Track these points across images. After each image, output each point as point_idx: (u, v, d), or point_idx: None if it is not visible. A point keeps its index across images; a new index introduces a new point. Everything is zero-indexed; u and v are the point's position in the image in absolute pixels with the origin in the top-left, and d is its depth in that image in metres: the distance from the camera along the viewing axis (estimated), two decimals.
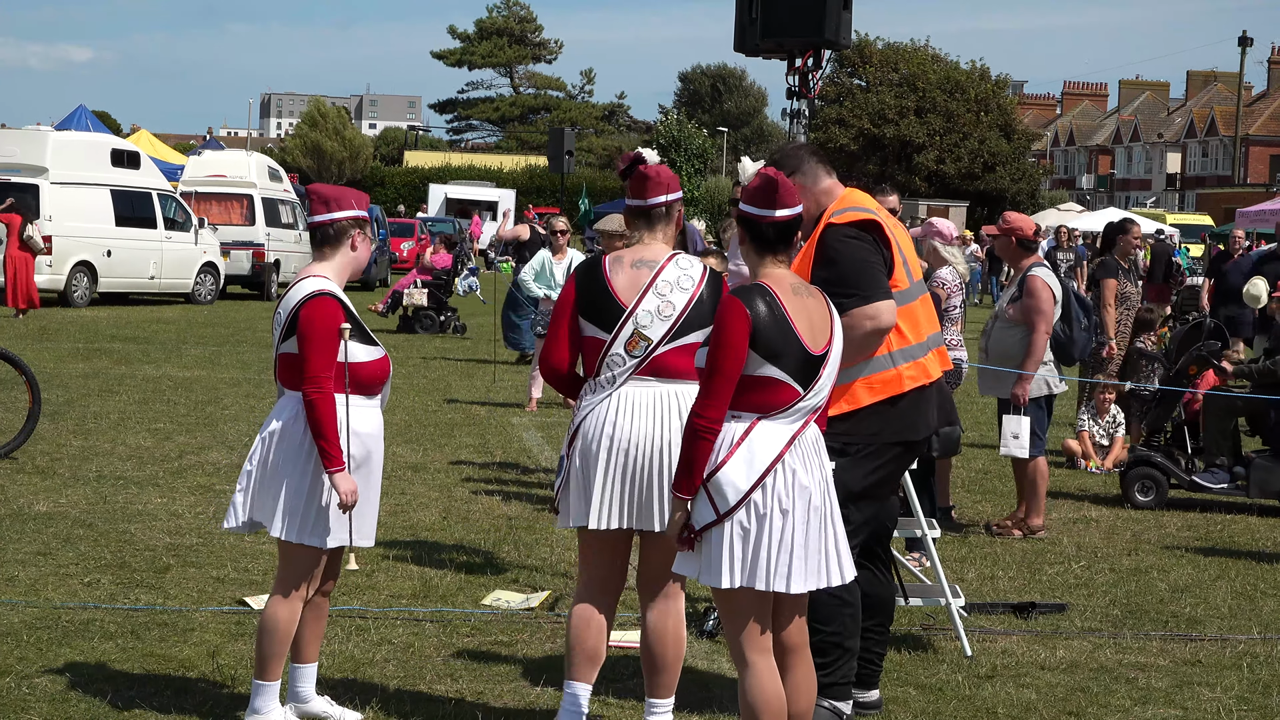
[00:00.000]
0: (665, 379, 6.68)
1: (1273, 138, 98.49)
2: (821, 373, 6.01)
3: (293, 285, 6.95)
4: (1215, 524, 13.13)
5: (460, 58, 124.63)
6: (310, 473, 6.82)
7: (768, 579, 5.86)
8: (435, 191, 76.04)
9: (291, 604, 6.91)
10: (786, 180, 6.14)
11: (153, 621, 8.68)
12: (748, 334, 5.85)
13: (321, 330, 6.77)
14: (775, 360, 5.89)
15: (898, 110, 76.76)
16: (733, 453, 5.87)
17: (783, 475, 5.88)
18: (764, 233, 6.10)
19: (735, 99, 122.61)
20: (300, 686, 7.12)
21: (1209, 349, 14.23)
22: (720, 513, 5.86)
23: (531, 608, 9.31)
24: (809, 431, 6.02)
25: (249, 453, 6.95)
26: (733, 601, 5.97)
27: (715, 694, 7.69)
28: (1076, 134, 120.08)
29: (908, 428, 7.38)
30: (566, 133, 34.39)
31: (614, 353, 6.68)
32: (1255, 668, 8.63)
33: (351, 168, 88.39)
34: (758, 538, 5.85)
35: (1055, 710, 7.76)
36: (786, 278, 6.09)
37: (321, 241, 7.02)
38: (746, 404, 5.92)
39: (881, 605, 7.66)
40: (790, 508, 5.87)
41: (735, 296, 5.94)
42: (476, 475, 14.05)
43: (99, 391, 18.54)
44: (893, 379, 7.29)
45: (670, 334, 6.67)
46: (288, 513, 6.82)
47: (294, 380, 6.85)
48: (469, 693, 7.65)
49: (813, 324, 6.02)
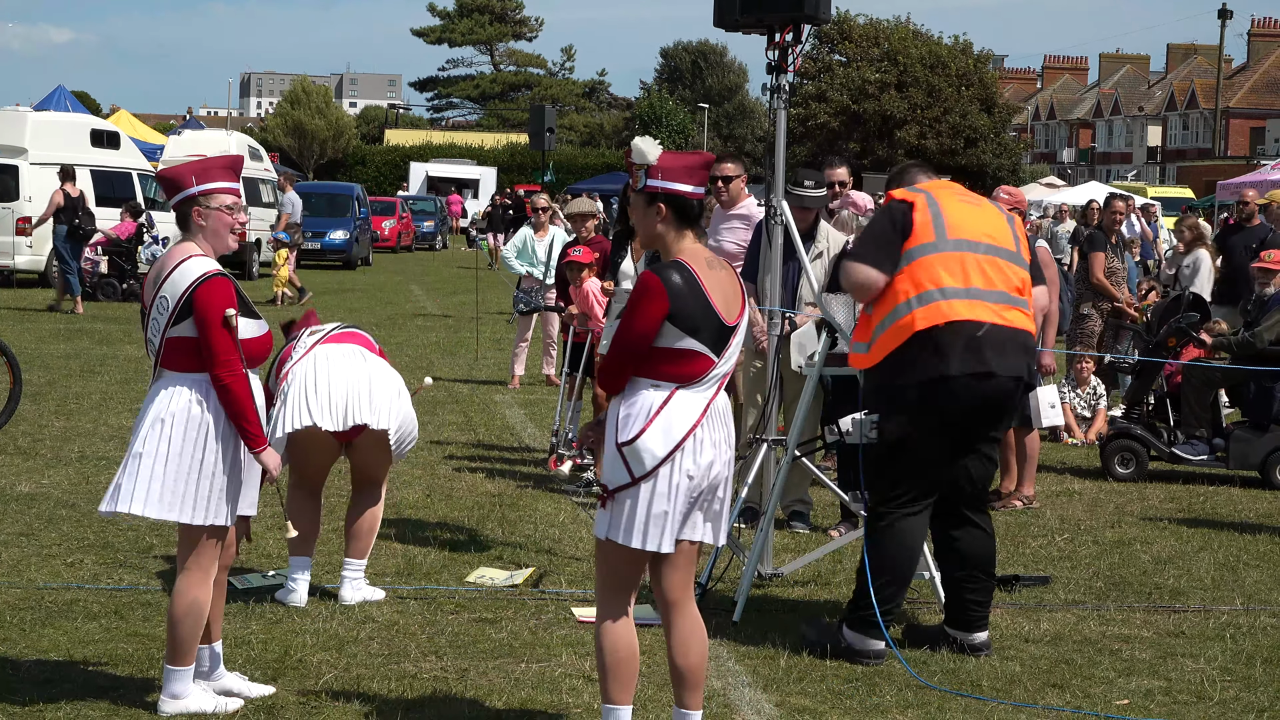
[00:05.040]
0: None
1: (1252, 110, 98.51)
2: (732, 341, 6.25)
3: (172, 266, 6.83)
4: (1198, 496, 13.17)
5: (441, 35, 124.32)
6: (219, 455, 6.82)
7: (654, 540, 6.14)
8: (416, 169, 75.95)
9: (204, 586, 6.92)
10: (711, 158, 6.45)
11: (136, 601, 8.67)
12: (664, 311, 6.10)
13: (223, 312, 6.75)
14: (695, 334, 6.14)
15: (878, 86, 76.69)
16: (651, 421, 6.09)
17: (692, 446, 6.12)
18: (690, 209, 6.30)
19: (716, 75, 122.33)
20: (209, 664, 7.13)
21: (1188, 321, 14.26)
22: (635, 477, 6.10)
23: (515, 584, 9.32)
24: (720, 399, 6.27)
25: (137, 437, 6.89)
26: (612, 556, 6.23)
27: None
28: (1057, 108, 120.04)
29: (928, 365, 7.84)
30: (547, 110, 34.22)
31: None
32: (1238, 638, 8.65)
33: (334, 146, 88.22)
34: (652, 502, 6.11)
35: (1039, 682, 7.78)
36: (701, 252, 6.30)
37: (180, 223, 7.00)
38: (666, 375, 6.15)
39: (975, 559, 8.25)
40: (696, 474, 6.13)
41: (654, 274, 6.16)
42: (460, 453, 14.05)
43: (80, 372, 18.50)
44: (906, 323, 7.89)
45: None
46: (190, 497, 6.82)
47: (188, 363, 6.82)
48: (453, 670, 7.65)
49: (726, 295, 6.24)
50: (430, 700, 7.21)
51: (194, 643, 6.91)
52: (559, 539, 10.63)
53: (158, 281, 6.85)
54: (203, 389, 6.82)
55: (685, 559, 6.35)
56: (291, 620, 8.42)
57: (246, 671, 7.41)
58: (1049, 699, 7.55)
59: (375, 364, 8.81)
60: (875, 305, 8.03)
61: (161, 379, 6.92)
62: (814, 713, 7.23)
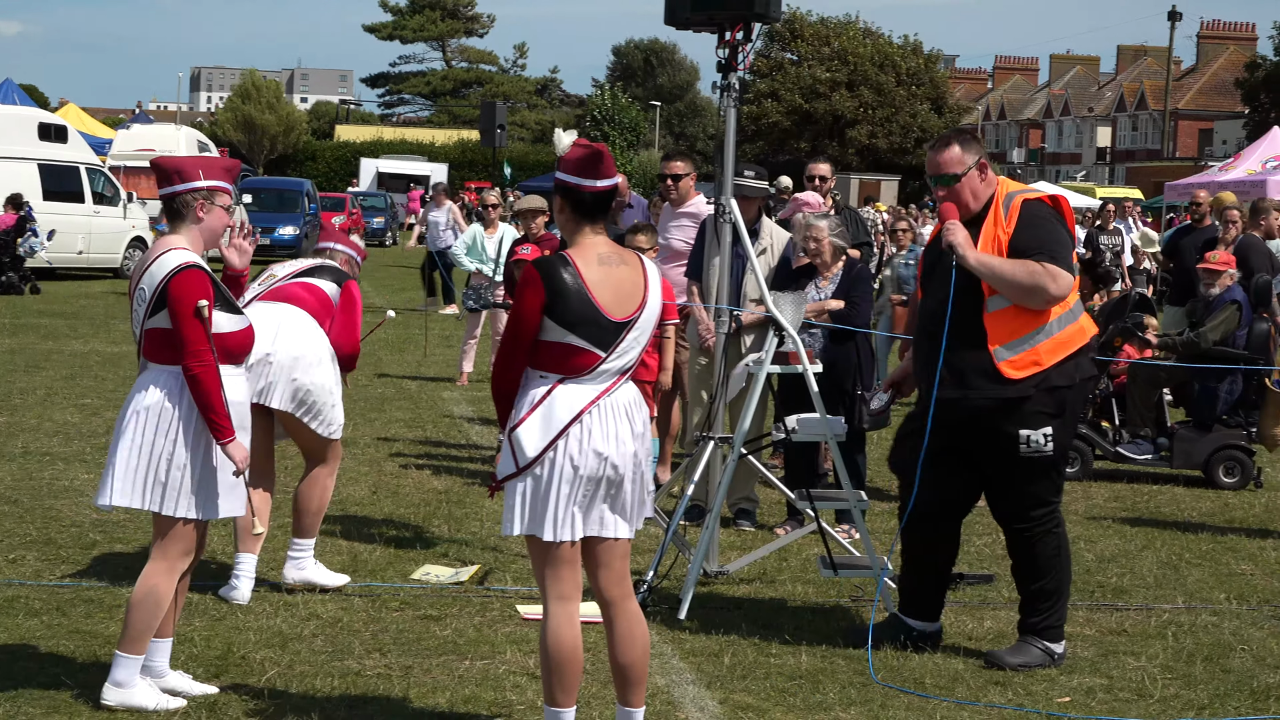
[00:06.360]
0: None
1: (1201, 112, 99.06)
2: (625, 337, 6.23)
3: (152, 258, 6.91)
4: (1141, 495, 13.25)
5: (392, 31, 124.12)
6: (191, 446, 6.85)
7: (554, 530, 6.16)
8: (367, 165, 75.79)
9: (166, 577, 6.94)
10: (607, 152, 6.38)
11: (79, 598, 8.63)
12: (540, 305, 6.12)
13: (195, 303, 6.79)
14: (573, 329, 6.14)
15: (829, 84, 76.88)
16: (532, 411, 6.15)
17: (578, 434, 6.12)
18: (584, 202, 6.30)
19: (668, 73, 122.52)
20: (157, 660, 7.10)
21: (1133, 321, 14.33)
22: (519, 466, 6.14)
23: (461, 581, 9.30)
24: (620, 394, 6.27)
25: (119, 429, 6.93)
26: (533, 550, 6.29)
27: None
28: (1008, 108, 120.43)
29: (1085, 368, 8.11)
30: (499, 106, 34.16)
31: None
32: (1180, 636, 8.71)
33: (285, 142, 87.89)
34: (546, 491, 6.14)
35: (982, 680, 7.81)
36: (596, 247, 6.29)
37: (170, 214, 7.05)
38: (550, 366, 6.20)
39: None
40: (581, 465, 6.12)
41: (534, 268, 6.18)
42: (407, 450, 14.02)
43: (25, 367, 18.39)
44: (1078, 329, 8.03)
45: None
46: (172, 488, 6.85)
47: (166, 355, 6.86)
48: (397, 667, 7.64)
49: (620, 292, 6.23)
50: (374, 698, 7.20)
51: (147, 633, 6.89)
52: (505, 536, 10.58)
53: (139, 273, 6.93)
54: (178, 381, 6.86)
55: (610, 555, 6.34)
56: (235, 617, 8.38)
57: (189, 669, 7.37)
58: (991, 696, 7.58)
59: (285, 332, 8.73)
60: (1026, 317, 7.94)
61: (145, 370, 6.98)
62: (758, 710, 7.24)
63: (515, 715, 7.05)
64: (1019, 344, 7.90)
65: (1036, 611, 8.17)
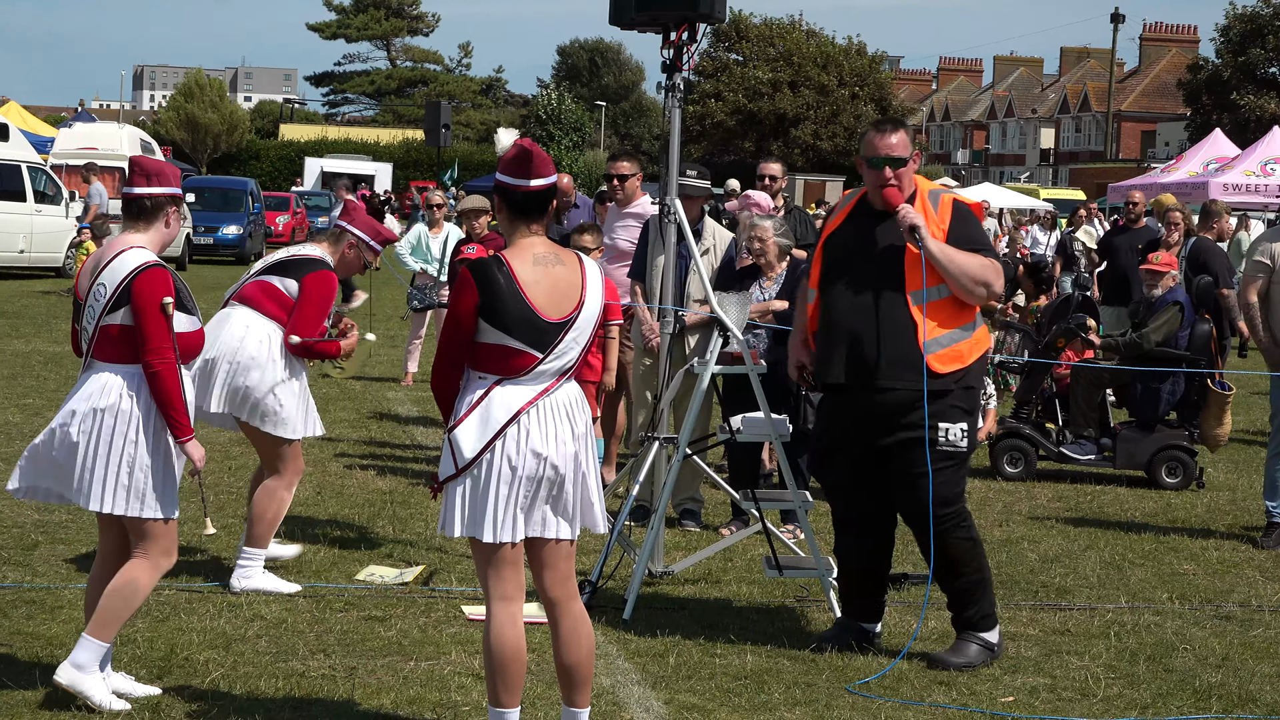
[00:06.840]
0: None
1: (1144, 113, 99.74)
2: (563, 337, 6.23)
3: (112, 255, 6.93)
4: (1085, 495, 13.31)
5: (336, 30, 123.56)
6: (151, 447, 6.86)
7: (494, 531, 6.16)
8: (311, 165, 75.50)
9: (154, 575, 6.99)
10: (541, 152, 6.38)
11: (20, 599, 8.57)
12: (474, 306, 6.14)
13: (160, 302, 6.82)
14: (509, 330, 6.15)
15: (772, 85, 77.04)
16: (470, 412, 6.17)
17: (515, 435, 6.14)
18: (517, 201, 6.31)
19: (613, 73, 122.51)
20: (103, 659, 7.08)
21: (1076, 322, 14.41)
22: (458, 467, 6.16)
23: (405, 582, 9.28)
24: (560, 394, 6.27)
25: (71, 424, 6.89)
26: (475, 551, 6.29)
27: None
28: (952, 109, 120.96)
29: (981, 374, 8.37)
30: (443, 106, 34.14)
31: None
32: (1123, 636, 8.75)
33: (228, 141, 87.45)
34: (485, 492, 6.15)
35: (926, 680, 7.83)
36: (533, 247, 6.29)
37: (138, 214, 7.07)
38: (488, 368, 6.22)
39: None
40: (520, 465, 6.13)
41: (468, 270, 6.21)
42: (351, 450, 13.98)
43: None
44: (983, 334, 8.18)
45: None
46: (140, 490, 6.87)
47: (119, 353, 6.88)
48: (341, 668, 7.61)
49: (555, 293, 6.24)
50: (318, 699, 7.17)
51: (117, 621, 6.91)
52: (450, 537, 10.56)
53: (95, 270, 6.93)
54: (134, 381, 6.87)
55: (553, 556, 6.35)
56: (178, 618, 8.34)
57: (132, 670, 7.33)
58: (935, 696, 7.61)
59: (225, 334, 8.83)
60: (958, 311, 8.04)
61: (91, 369, 6.96)
62: (703, 710, 7.24)
63: (460, 716, 7.04)
64: (947, 339, 7.97)
65: (965, 605, 8.19)
